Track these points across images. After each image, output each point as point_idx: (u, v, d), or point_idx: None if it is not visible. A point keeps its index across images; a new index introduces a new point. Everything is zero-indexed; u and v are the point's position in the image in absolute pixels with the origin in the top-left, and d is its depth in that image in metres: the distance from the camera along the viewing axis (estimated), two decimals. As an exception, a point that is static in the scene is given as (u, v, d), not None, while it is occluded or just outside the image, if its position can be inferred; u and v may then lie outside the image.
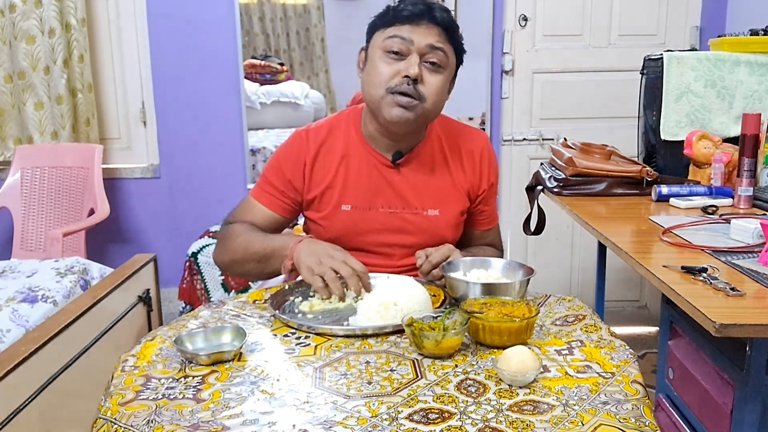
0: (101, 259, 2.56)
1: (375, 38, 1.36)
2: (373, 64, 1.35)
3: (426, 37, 1.31)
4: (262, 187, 1.47)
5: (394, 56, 1.32)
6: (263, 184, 1.47)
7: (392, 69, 1.32)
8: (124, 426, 0.85)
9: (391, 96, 1.32)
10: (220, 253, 1.45)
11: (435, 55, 1.32)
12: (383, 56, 1.33)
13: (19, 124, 3.04)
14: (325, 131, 1.46)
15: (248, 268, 1.41)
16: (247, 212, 1.47)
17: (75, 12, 2.95)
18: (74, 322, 1.50)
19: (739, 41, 2.05)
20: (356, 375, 0.96)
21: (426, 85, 1.33)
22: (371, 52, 1.37)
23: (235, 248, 1.40)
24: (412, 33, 1.31)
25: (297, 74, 3.41)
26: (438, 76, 1.34)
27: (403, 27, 1.32)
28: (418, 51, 1.31)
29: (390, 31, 1.33)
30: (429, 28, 1.32)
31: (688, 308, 1.07)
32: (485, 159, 1.49)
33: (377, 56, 1.34)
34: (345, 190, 1.43)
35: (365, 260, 1.44)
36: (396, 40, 1.31)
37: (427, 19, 1.31)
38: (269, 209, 1.46)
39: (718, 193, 1.77)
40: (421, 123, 1.39)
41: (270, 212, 1.46)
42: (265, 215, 1.46)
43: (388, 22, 1.34)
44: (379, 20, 1.36)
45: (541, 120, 3.18)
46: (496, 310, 1.09)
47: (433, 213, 1.44)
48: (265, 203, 1.46)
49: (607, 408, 0.86)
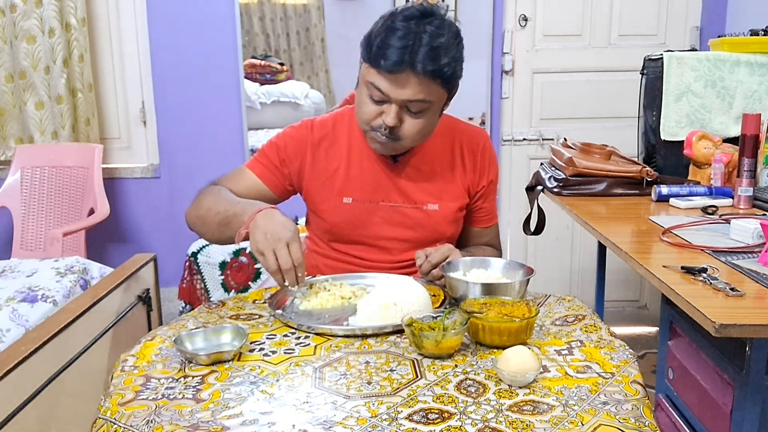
0: (101, 259, 2.57)
1: (363, 67, 1.33)
2: (359, 94, 1.34)
3: (404, 90, 1.26)
4: (258, 159, 1.48)
5: (375, 100, 1.30)
6: (260, 156, 1.48)
7: (373, 110, 1.31)
8: (123, 426, 0.85)
9: (372, 132, 1.34)
10: (191, 207, 1.44)
11: (414, 106, 1.29)
12: (366, 93, 1.31)
13: (19, 123, 3.04)
14: (329, 125, 1.48)
15: (208, 228, 1.38)
16: (236, 179, 1.46)
17: (75, 12, 2.95)
18: (74, 322, 1.50)
19: (739, 41, 2.05)
20: (356, 375, 0.96)
21: (405, 127, 1.31)
22: (360, 77, 1.34)
23: (203, 205, 1.39)
24: (390, 85, 1.26)
25: (297, 74, 3.41)
26: (420, 119, 1.31)
27: (382, 76, 1.26)
28: (397, 103, 1.28)
29: (371, 74, 1.28)
30: (410, 77, 1.25)
31: (687, 308, 1.07)
32: (485, 156, 1.50)
33: (363, 88, 1.33)
34: (347, 183, 1.44)
35: (364, 254, 1.46)
36: (375, 91, 1.28)
37: (409, 70, 1.24)
38: (260, 179, 1.46)
39: (718, 194, 1.76)
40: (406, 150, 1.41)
41: (259, 182, 1.45)
42: (254, 184, 1.45)
43: (371, 62, 1.28)
44: (365, 51, 1.30)
45: (541, 120, 3.18)
46: (495, 310, 1.09)
47: (432, 208, 1.44)
48: (258, 173, 1.46)
49: (606, 408, 0.86)
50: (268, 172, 1.46)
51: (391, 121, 1.28)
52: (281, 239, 1.18)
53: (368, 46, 1.29)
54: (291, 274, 1.18)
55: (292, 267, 1.18)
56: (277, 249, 1.17)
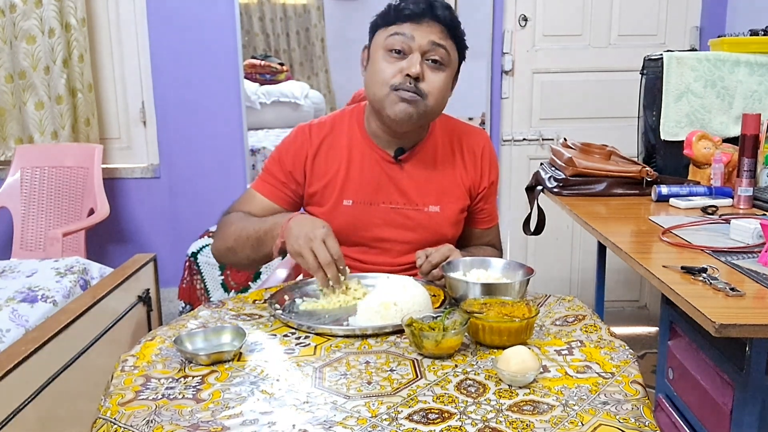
0: (101, 259, 2.56)
1: (377, 37, 1.37)
2: (375, 63, 1.36)
3: (427, 35, 1.32)
4: (263, 179, 1.48)
5: (396, 55, 1.33)
6: (264, 175, 1.48)
7: (394, 67, 1.33)
8: (123, 426, 0.85)
9: (394, 93, 1.33)
10: (216, 242, 1.45)
11: (437, 53, 1.33)
12: (385, 55, 1.34)
13: (19, 123, 3.04)
14: (328, 127, 1.47)
15: (243, 255, 1.39)
16: (247, 203, 1.47)
17: (75, 12, 2.95)
18: (74, 322, 1.50)
19: (739, 41, 2.05)
20: (356, 375, 0.96)
21: (428, 82, 1.33)
22: (373, 51, 1.37)
23: (229, 235, 1.40)
24: (413, 31, 1.32)
25: (297, 74, 3.41)
26: (440, 73, 1.34)
27: (405, 25, 1.32)
28: (420, 49, 1.32)
29: (392, 29, 1.33)
30: (431, 25, 1.32)
31: (687, 308, 1.07)
32: (486, 157, 1.50)
33: (379, 55, 1.35)
34: (347, 185, 1.43)
35: (365, 256, 1.45)
36: (397, 38, 1.32)
37: (429, 17, 1.32)
38: (269, 200, 1.46)
39: (718, 194, 1.76)
40: (424, 120, 1.40)
41: (270, 203, 1.46)
42: (265, 206, 1.46)
43: (389, 21, 1.34)
44: (381, 19, 1.37)
45: (541, 120, 3.18)
46: (495, 310, 1.09)
47: (433, 209, 1.44)
48: (266, 194, 1.46)
49: (606, 408, 0.86)
50: (276, 190, 1.46)
51: (415, 68, 1.30)
52: (317, 237, 1.22)
53: (384, 13, 1.36)
54: (332, 267, 1.21)
55: (332, 261, 1.21)
56: (315, 246, 1.21)
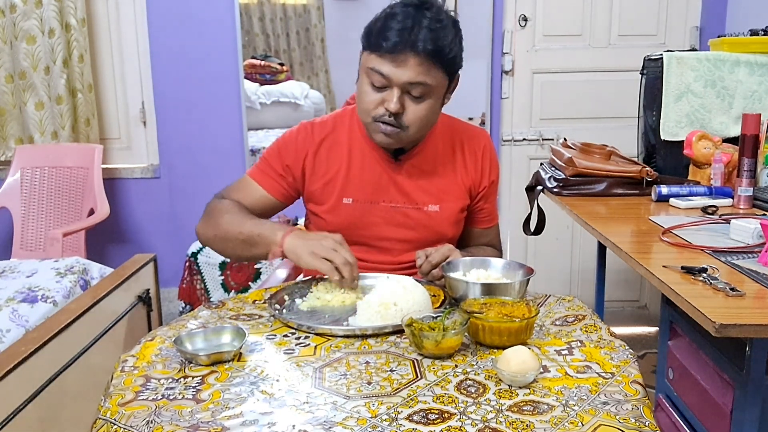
0: (101, 259, 2.56)
1: (363, 56, 1.34)
2: (360, 84, 1.34)
3: (406, 72, 1.26)
4: (260, 168, 1.47)
5: (376, 86, 1.31)
6: (262, 165, 1.48)
7: (375, 98, 1.31)
8: (123, 426, 0.85)
9: (375, 123, 1.33)
10: (204, 225, 1.44)
11: (416, 89, 1.29)
12: (367, 81, 1.32)
13: (20, 123, 3.04)
14: (329, 126, 1.47)
15: (230, 246, 1.39)
16: (242, 190, 1.47)
17: (75, 12, 2.95)
18: (74, 322, 1.50)
19: (739, 41, 2.05)
20: (356, 375, 0.96)
21: (408, 114, 1.31)
22: (360, 68, 1.35)
23: (219, 223, 1.39)
24: (391, 68, 1.27)
25: (297, 74, 3.41)
26: (422, 104, 1.31)
27: (384, 59, 1.27)
28: (399, 86, 1.28)
29: (372, 59, 1.29)
30: (411, 58, 1.26)
31: (687, 308, 1.07)
32: (486, 156, 1.50)
33: (363, 78, 1.33)
34: (347, 184, 1.43)
35: (365, 255, 1.45)
36: (376, 76, 1.29)
37: (409, 50, 1.25)
38: (265, 190, 1.46)
39: (718, 193, 1.76)
40: (410, 144, 1.40)
41: (264, 193, 1.46)
42: (260, 195, 1.46)
43: (372, 47, 1.29)
44: (366, 39, 1.32)
45: (541, 120, 3.18)
46: (495, 311, 1.09)
47: (433, 209, 1.44)
48: (262, 183, 1.46)
49: (606, 408, 0.86)
50: (272, 181, 1.46)
51: (393, 106, 1.28)
52: (334, 242, 1.24)
53: (368, 33, 1.31)
54: (349, 269, 1.22)
55: (350, 263, 1.23)
56: (336, 248, 1.23)
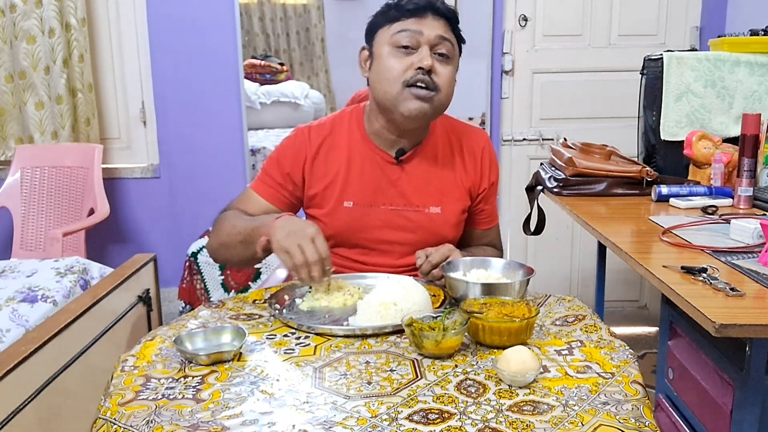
0: (101, 259, 2.57)
1: (380, 36, 1.37)
2: (382, 62, 1.35)
3: (433, 29, 1.33)
4: (261, 179, 1.48)
5: (404, 50, 1.33)
6: (262, 176, 1.48)
7: (404, 63, 1.33)
8: (123, 426, 0.85)
9: (407, 90, 1.33)
10: (211, 238, 1.45)
11: (444, 46, 1.34)
12: (393, 51, 1.34)
13: (19, 123, 3.04)
14: (327, 128, 1.46)
15: (233, 252, 1.39)
16: (245, 203, 1.47)
17: (75, 12, 2.95)
18: (74, 322, 1.50)
19: (739, 41, 2.05)
20: (356, 375, 0.96)
21: (439, 75, 1.34)
22: (378, 50, 1.37)
23: (222, 231, 1.40)
24: (419, 26, 1.33)
25: (297, 74, 3.41)
26: (448, 66, 1.36)
27: (409, 21, 1.33)
28: (428, 42, 1.33)
29: (396, 26, 1.34)
30: (434, 19, 1.33)
31: (687, 308, 1.07)
32: (486, 157, 1.50)
33: (386, 53, 1.35)
34: (347, 187, 1.43)
35: (365, 257, 1.45)
36: (405, 34, 1.33)
37: (431, 12, 1.33)
38: (266, 200, 1.46)
39: (718, 193, 1.76)
40: (436, 116, 1.41)
41: (267, 204, 1.46)
42: (262, 206, 1.46)
43: (392, 18, 1.35)
44: (382, 17, 1.37)
45: (541, 120, 3.18)
46: (495, 310, 1.09)
47: (434, 211, 1.44)
48: (263, 194, 1.46)
49: (606, 408, 0.86)
50: (273, 191, 1.46)
51: (428, 61, 1.32)
52: (306, 235, 1.20)
53: (383, 12, 1.37)
54: (318, 266, 1.19)
55: (320, 260, 1.19)
56: (303, 244, 1.18)
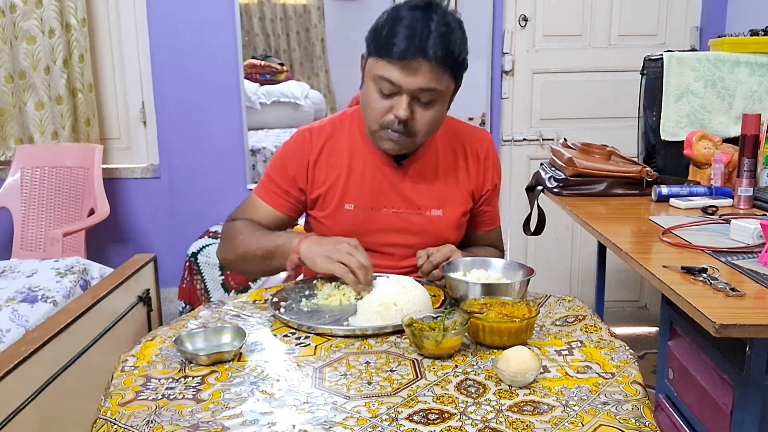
0: (101, 259, 2.56)
1: (369, 62, 1.30)
2: (366, 91, 1.32)
3: (416, 79, 1.24)
4: (266, 186, 1.47)
5: (385, 94, 1.28)
6: (267, 182, 1.47)
7: (383, 105, 1.29)
8: (123, 426, 0.85)
9: (383, 131, 1.31)
10: (224, 250, 1.45)
11: (426, 96, 1.27)
12: (375, 88, 1.29)
13: (20, 123, 3.04)
14: (328, 131, 1.45)
15: (252, 265, 1.41)
16: (252, 210, 1.47)
17: (75, 12, 2.95)
18: (74, 322, 1.51)
19: (739, 41, 2.05)
20: (356, 375, 0.96)
21: (417, 120, 1.29)
22: (366, 74, 1.32)
23: (237, 245, 1.40)
24: (401, 75, 1.24)
25: (297, 74, 3.41)
26: (430, 110, 1.29)
27: (393, 66, 1.24)
28: (408, 93, 1.26)
29: (380, 66, 1.25)
30: (421, 64, 1.23)
31: (687, 308, 1.07)
32: (489, 160, 1.48)
33: (370, 85, 1.30)
34: (348, 190, 1.42)
35: None
36: (385, 83, 1.26)
37: (420, 56, 1.22)
38: (273, 208, 1.45)
39: (718, 194, 1.77)
40: (417, 149, 1.40)
41: (274, 211, 1.45)
42: (270, 214, 1.45)
43: (380, 53, 1.26)
44: (374, 44, 1.28)
45: (541, 120, 3.18)
46: (496, 311, 1.09)
47: (436, 213, 1.43)
48: (270, 202, 1.45)
49: (607, 408, 0.86)
50: (279, 198, 1.45)
51: (403, 113, 1.26)
52: (351, 244, 1.26)
53: (375, 38, 1.27)
54: (364, 272, 1.23)
55: (365, 267, 1.23)
56: (352, 252, 1.24)
